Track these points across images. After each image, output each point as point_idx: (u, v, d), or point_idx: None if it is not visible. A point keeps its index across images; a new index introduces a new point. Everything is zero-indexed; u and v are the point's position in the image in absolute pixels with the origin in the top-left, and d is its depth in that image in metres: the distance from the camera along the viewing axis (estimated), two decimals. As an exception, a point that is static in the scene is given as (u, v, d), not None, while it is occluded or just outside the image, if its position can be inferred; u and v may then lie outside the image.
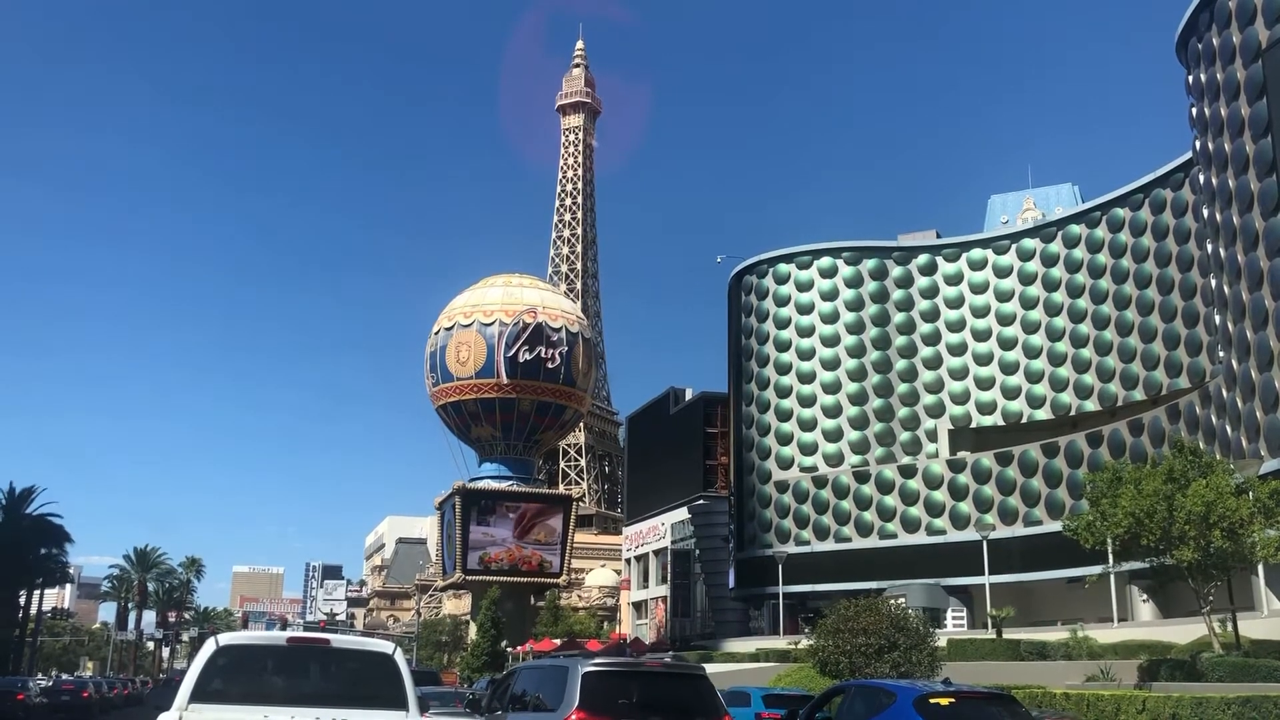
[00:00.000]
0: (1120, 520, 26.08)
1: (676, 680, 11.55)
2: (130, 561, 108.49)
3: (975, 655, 38.33)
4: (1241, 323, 42.96)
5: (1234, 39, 44.07)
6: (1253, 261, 42.17)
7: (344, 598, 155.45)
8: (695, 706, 10.85)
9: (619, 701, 10.58)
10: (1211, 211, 46.46)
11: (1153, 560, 28.12)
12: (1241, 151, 43.29)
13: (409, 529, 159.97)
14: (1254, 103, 42.70)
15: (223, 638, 9.08)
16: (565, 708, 10.41)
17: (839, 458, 68.62)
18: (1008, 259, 68.22)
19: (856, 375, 69.54)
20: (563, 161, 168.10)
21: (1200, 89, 47.11)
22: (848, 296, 71.06)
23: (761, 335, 73.31)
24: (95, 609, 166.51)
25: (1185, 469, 26.77)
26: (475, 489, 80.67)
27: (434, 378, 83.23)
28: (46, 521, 72.68)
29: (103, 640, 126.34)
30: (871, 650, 29.43)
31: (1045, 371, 65.09)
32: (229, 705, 8.38)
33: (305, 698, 8.65)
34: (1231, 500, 25.25)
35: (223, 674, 8.70)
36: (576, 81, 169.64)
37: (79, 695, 44.48)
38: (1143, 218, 59.86)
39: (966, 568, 57.06)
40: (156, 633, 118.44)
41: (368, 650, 9.55)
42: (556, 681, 11.12)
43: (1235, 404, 43.59)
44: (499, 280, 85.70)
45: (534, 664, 15.74)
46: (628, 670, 11.68)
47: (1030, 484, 58.53)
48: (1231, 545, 25.54)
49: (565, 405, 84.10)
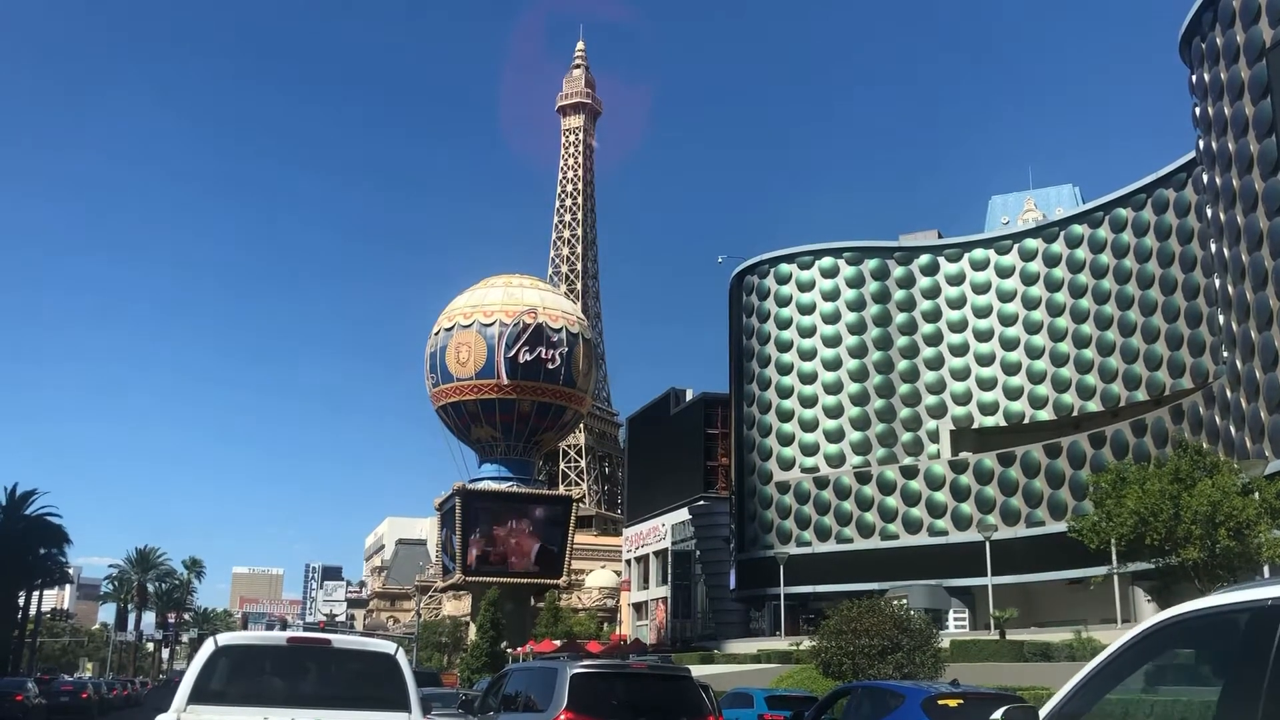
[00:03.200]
0: (1125, 520, 25.94)
1: (662, 681, 12.16)
2: (130, 562, 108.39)
3: (979, 656, 38.13)
4: (1246, 323, 42.80)
5: (1238, 38, 43.91)
6: (1257, 261, 42.02)
7: (344, 599, 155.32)
8: (681, 707, 11.22)
9: (606, 703, 10.96)
10: (1215, 211, 46.30)
11: (1158, 560, 27.98)
12: (1245, 151, 43.13)
13: (409, 530, 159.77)
14: (1258, 102, 42.54)
15: (222, 638, 8.92)
16: (554, 708, 10.69)
17: (840, 458, 68.45)
18: (1010, 259, 68.07)
19: (858, 375, 69.38)
20: (563, 162, 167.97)
21: (1204, 88, 46.95)
22: (849, 297, 70.89)
23: (763, 335, 73.14)
24: (95, 610, 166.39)
25: (1191, 469, 26.61)
26: (475, 490, 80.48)
27: (434, 378, 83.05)
28: (46, 522, 72.46)
29: (102, 641, 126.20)
30: (875, 651, 29.31)
31: (1048, 372, 64.94)
32: (228, 706, 8.23)
33: (306, 699, 8.52)
34: (1238, 500, 25.12)
35: (222, 675, 8.57)
36: (577, 82, 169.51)
37: (78, 696, 44.37)
38: (1145, 218, 59.71)
39: (968, 569, 56.91)
40: (156, 634, 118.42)
41: (369, 651, 9.40)
42: (546, 682, 11.45)
43: (1239, 404, 43.43)
44: (499, 281, 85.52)
45: (525, 665, 15.96)
46: (615, 672, 12.14)
47: (1032, 485, 58.37)
48: (1237, 545, 25.40)
49: (565, 406, 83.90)
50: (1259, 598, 3.70)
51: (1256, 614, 3.66)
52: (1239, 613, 3.80)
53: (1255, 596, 3.73)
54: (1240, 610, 3.79)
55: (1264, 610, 3.62)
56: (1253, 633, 3.64)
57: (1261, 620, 3.60)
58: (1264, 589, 3.73)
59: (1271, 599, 3.62)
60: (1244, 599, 3.80)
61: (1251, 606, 3.72)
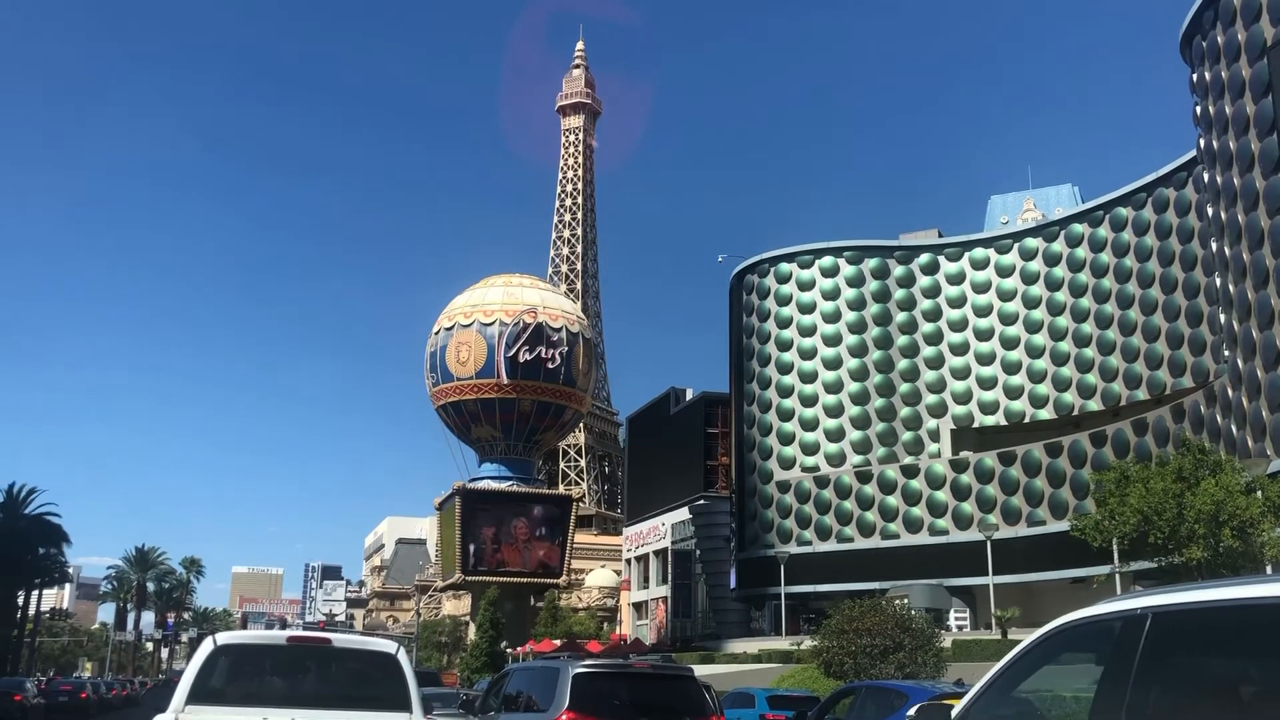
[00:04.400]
0: (1129, 519, 25.82)
1: (665, 681, 11.91)
2: (129, 562, 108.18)
3: (980, 656, 37.98)
4: (1247, 322, 42.70)
5: (1239, 36, 43.80)
6: (1258, 260, 41.93)
7: (343, 598, 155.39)
8: (683, 707, 11.09)
9: (609, 702, 10.83)
10: (1216, 210, 46.21)
11: (1161, 559, 27.85)
12: (1246, 149, 43.03)
13: (408, 529, 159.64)
14: (1259, 101, 42.43)
15: (221, 637, 8.80)
16: (556, 708, 10.54)
17: (841, 457, 68.34)
18: (1010, 258, 67.96)
19: (858, 375, 69.26)
20: (563, 162, 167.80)
21: (1204, 87, 46.85)
22: (850, 295, 70.76)
23: (763, 334, 73.01)
24: (94, 609, 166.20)
25: (1194, 468, 26.49)
26: (475, 489, 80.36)
27: (434, 378, 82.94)
28: (45, 521, 72.37)
29: (101, 641, 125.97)
30: (876, 651, 29.24)
31: (1048, 371, 64.84)
32: (227, 707, 8.11)
33: (306, 699, 8.40)
34: (1241, 499, 25.03)
35: (221, 674, 8.45)
36: (576, 82, 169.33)
37: (77, 696, 44.26)
38: (1146, 217, 59.62)
39: (969, 568, 56.82)
40: (155, 633, 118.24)
41: (370, 650, 9.27)
42: (548, 682, 11.30)
43: (1241, 403, 43.34)
44: (499, 280, 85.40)
45: (526, 665, 15.82)
46: (617, 671, 11.95)
47: (1033, 484, 58.27)
48: (1241, 544, 25.28)
49: (565, 405, 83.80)
50: (1130, 607, 4.14)
51: (1127, 621, 4.11)
52: (1114, 620, 4.22)
53: (1126, 606, 4.17)
54: (1115, 618, 4.22)
55: (1133, 618, 4.07)
56: (1123, 638, 4.08)
57: (1130, 627, 4.06)
58: (1136, 599, 4.15)
59: (1140, 608, 4.06)
60: (1118, 608, 4.24)
61: (1124, 615, 4.16)
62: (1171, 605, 3.97)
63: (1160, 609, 3.99)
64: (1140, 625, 4.00)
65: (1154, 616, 3.98)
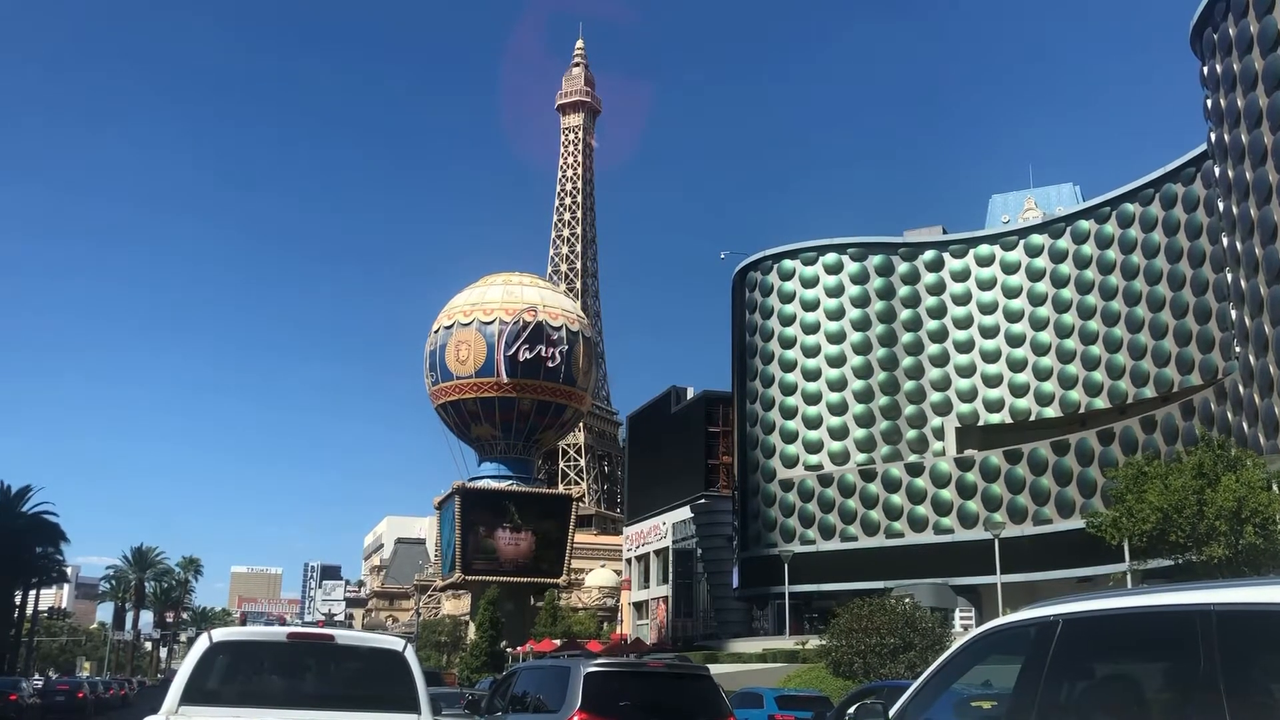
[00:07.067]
0: (1148, 516, 25.25)
1: (680, 681, 11.52)
2: (128, 561, 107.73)
3: (989, 656, 37.51)
4: (1260, 317, 42.15)
5: (1251, 28, 43.25)
6: (1271, 254, 41.36)
7: (342, 598, 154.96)
8: (699, 708, 10.72)
9: (621, 703, 10.46)
10: (1228, 204, 45.66)
11: (1179, 557, 27.31)
12: (1259, 143, 42.47)
13: (408, 529, 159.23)
14: (1271, 93, 41.87)
15: (217, 633, 8.23)
16: (567, 709, 10.26)
17: (845, 456, 67.78)
18: (1015, 255, 67.40)
19: (862, 372, 68.69)
20: (562, 161, 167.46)
21: (1216, 80, 46.31)
22: (853, 293, 70.18)
23: (766, 332, 72.42)
24: (93, 609, 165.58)
25: (1213, 464, 25.93)
26: (475, 489, 79.98)
27: (433, 377, 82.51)
28: (42, 520, 71.81)
29: (100, 640, 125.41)
30: (886, 651, 28.76)
31: (1054, 368, 64.29)
32: (223, 708, 7.55)
33: (307, 699, 7.86)
34: (1264, 495, 24.47)
35: (218, 673, 7.92)
36: (576, 81, 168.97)
37: (74, 696, 43.80)
38: (1153, 213, 59.05)
39: (975, 567, 56.28)
40: (154, 633, 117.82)
41: (376, 648, 8.63)
42: (558, 682, 10.97)
43: (1252, 400, 42.81)
44: (499, 279, 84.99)
45: (535, 664, 15.40)
46: (630, 671, 11.62)
47: (1040, 482, 57.72)
48: (1264, 541, 24.72)
49: (565, 404, 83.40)
50: (1044, 614, 4.50)
51: (1041, 627, 4.46)
52: (1030, 626, 4.57)
53: (1042, 613, 4.53)
54: (1031, 624, 4.57)
55: (1046, 624, 4.42)
56: (1036, 642, 4.44)
57: (1043, 632, 4.41)
58: (1051, 607, 4.49)
59: (1053, 615, 4.41)
60: (1035, 615, 4.60)
61: (1038, 621, 4.52)
62: (1080, 612, 4.33)
63: (1070, 615, 4.34)
64: (1053, 630, 4.34)
65: (1064, 622, 4.33)
